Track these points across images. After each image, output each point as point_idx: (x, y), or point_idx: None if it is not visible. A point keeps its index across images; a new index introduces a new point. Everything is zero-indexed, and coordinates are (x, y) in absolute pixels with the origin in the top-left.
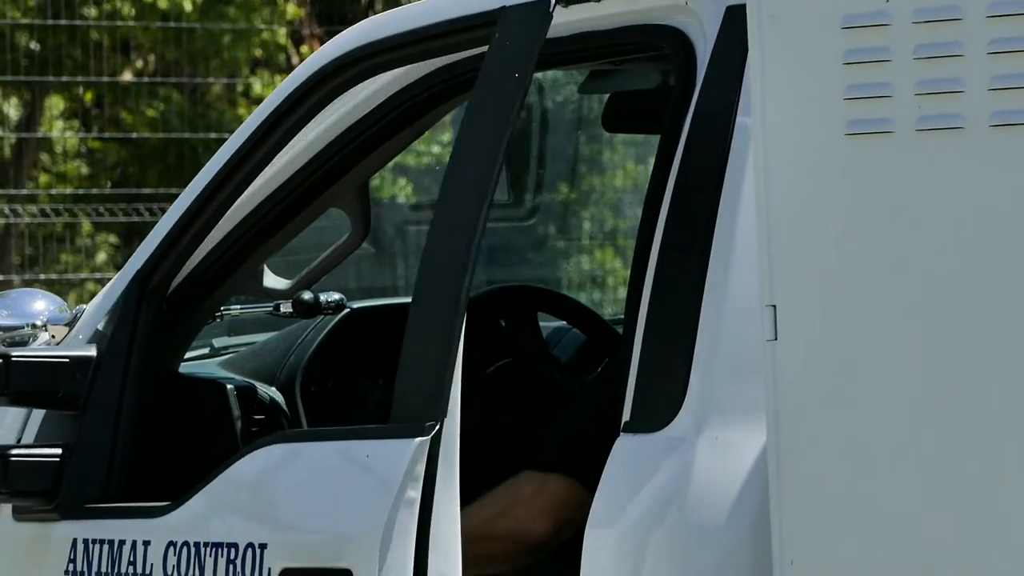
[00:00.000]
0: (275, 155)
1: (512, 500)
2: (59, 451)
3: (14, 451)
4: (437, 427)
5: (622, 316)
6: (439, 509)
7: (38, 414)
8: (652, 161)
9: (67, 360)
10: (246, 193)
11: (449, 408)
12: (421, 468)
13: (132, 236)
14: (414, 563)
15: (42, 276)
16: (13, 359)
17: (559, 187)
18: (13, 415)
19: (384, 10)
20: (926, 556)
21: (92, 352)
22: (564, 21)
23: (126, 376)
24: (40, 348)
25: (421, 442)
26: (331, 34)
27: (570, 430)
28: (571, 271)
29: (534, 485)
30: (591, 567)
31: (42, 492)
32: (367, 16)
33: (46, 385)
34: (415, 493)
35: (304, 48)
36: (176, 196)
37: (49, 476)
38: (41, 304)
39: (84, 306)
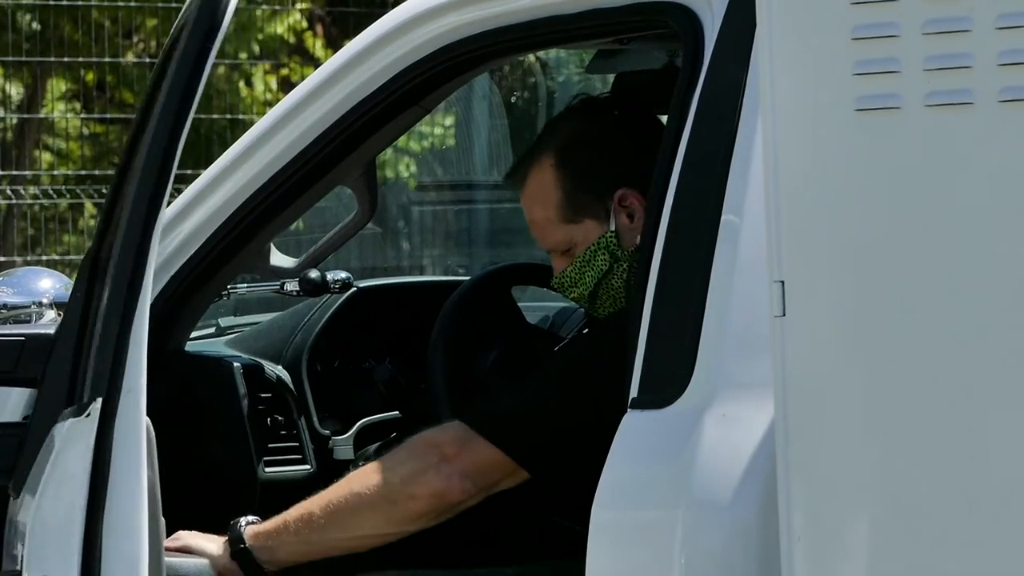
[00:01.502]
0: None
1: (437, 456)
2: (19, 429)
3: None
4: (101, 405)
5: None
6: (117, 489)
7: None
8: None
9: (22, 338)
10: (252, 172)
11: (125, 385)
12: (84, 447)
13: None
14: (83, 544)
15: (44, 257)
16: None
17: None
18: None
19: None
20: (934, 531)
21: (50, 331)
22: None
23: (78, 354)
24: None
25: (84, 420)
26: (340, 18)
27: (516, 405)
28: None
29: (460, 445)
30: (598, 544)
31: (3, 469)
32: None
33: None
34: (80, 472)
35: (307, 34)
36: (181, 177)
37: (8, 453)
38: (47, 283)
39: None
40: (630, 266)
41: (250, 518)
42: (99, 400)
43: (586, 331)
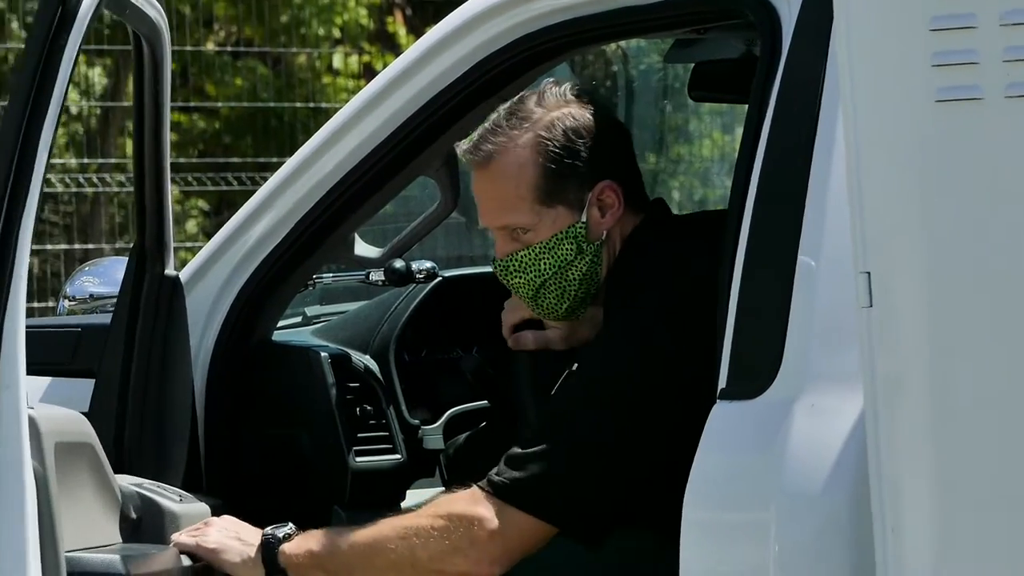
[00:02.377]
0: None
1: (468, 539)
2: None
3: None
4: None
5: None
6: None
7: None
8: (739, 130)
9: (78, 329)
10: (336, 162)
11: (2, 381)
12: None
13: (223, 206)
14: None
15: (131, 243)
16: None
17: (646, 156)
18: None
19: None
20: None
21: (105, 321)
22: None
23: (131, 344)
24: (58, 318)
25: None
26: (421, 6)
27: (549, 463)
28: None
29: (492, 526)
30: (691, 537)
31: None
32: None
33: (56, 355)
34: None
35: (390, 19)
36: (265, 165)
37: None
38: None
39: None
40: (592, 260)
41: (284, 531)
42: None
43: (592, 350)
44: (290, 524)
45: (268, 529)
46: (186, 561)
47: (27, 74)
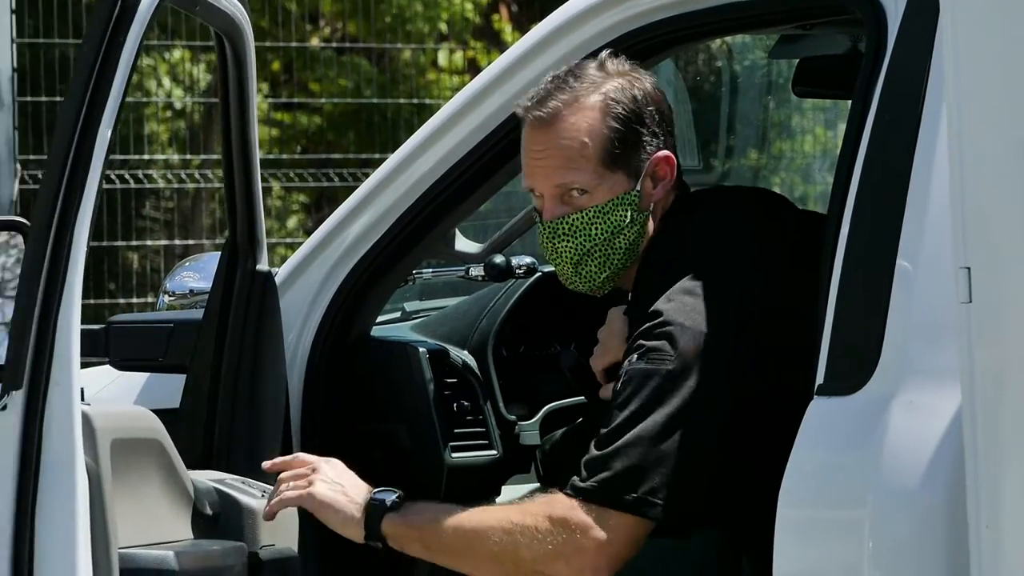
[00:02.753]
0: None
1: (574, 547)
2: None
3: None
4: (26, 398)
5: None
6: (50, 481)
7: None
8: (842, 126)
9: (170, 325)
10: (437, 158)
11: (53, 378)
12: (7, 440)
13: (323, 202)
14: (14, 537)
15: None
16: (113, 326)
17: (749, 152)
18: None
19: None
20: None
21: (197, 316)
22: None
23: (223, 340)
24: (154, 314)
25: (3, 414)
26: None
27: (649, 459)
28: None
29: (599, 535)
30: (785, 534)
31: None
32: None
33: (147, 351)
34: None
35: (496, 16)
36: (367, 162)
37: None
38: None
39: (276, 269)
40: (639, 229)
41: (392, 498)
42: (15, 393)
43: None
44: (398, 491)
45: (377, 492)
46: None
47: (83, 72)
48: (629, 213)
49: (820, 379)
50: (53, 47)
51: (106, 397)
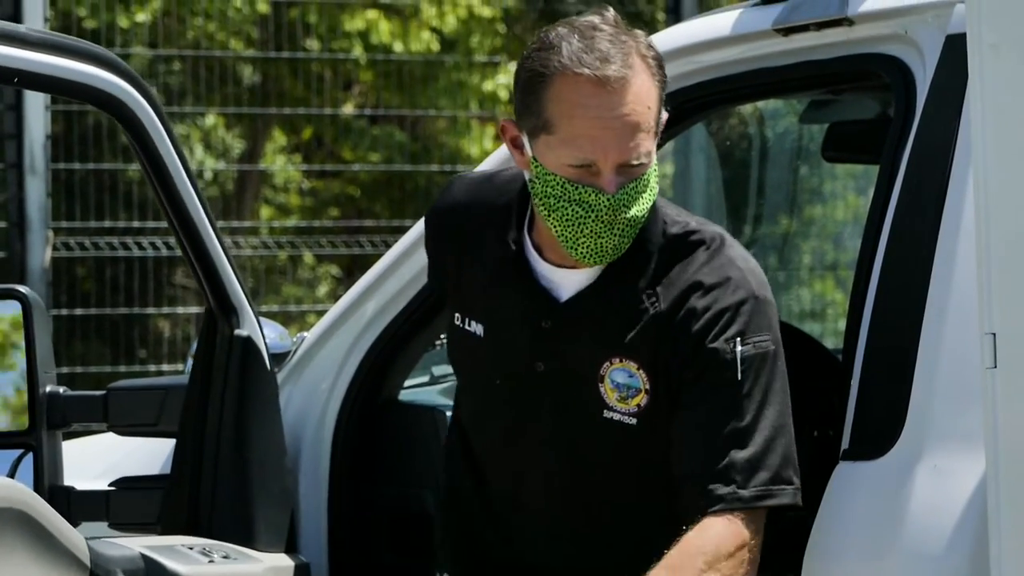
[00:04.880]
0: None
1: (746, 565)
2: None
3: (120, 484)
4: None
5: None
6: None
7: None
8: (872, 192)
9: (163, 390)
10: None
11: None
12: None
13: (354, 269)
14: None
15: (264, 308)
16: (111, 391)
17: (779, 218)
18: None
19: None
20: None
21: (184, 381)
22: (784, 49)
23: (205, 406)
24: (155, 379)
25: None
26: None
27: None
28: (791, 302)
29: (735, 540)
30: None
31: (143, 523)
32: None
33: (143, 416)
34: None
35: None
36: (399, 229)
37: (151, 508)
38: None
39: (305, 334)
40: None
41: None
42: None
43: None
44: None
45: None
46: None
47: None
48: (656, 179)
49: (846, 443)
50: (86, 114)
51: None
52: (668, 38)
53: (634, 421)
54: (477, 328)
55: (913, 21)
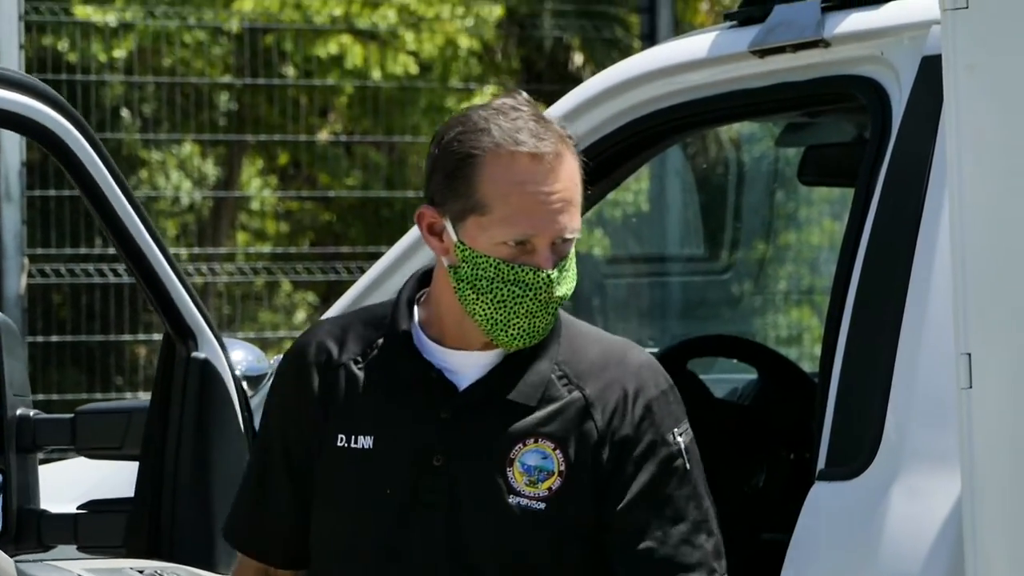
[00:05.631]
0: None
1: None
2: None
3: (89, 507)
4: None
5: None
6: None
7: None
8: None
9: (128, 413)
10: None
11: None
12: None
13: (331, 295)
14: None
15: (240, 335)
16: (79, 414)
17: (755, 243)
18: None
19: (592, 74)
20: None
21: (146, 404)
22: (760, 71)
23: (165, 429)
24: (119, 402)
25: None
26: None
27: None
28: (767, 327)
29: None
30: None
31: (110, 546)
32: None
33: (109, 439)
34: None
35: None
36: (375, 255)
37: (118, 531)
38: (239, 354)
39: (281, 356)
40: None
41: None
42: None
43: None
44: None
45: None
46: None
47: None
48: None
49: (821, 464)
50: None
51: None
52: (644, 60)
53: (543, 506)
54: (365, 442)
55: (889, 43)
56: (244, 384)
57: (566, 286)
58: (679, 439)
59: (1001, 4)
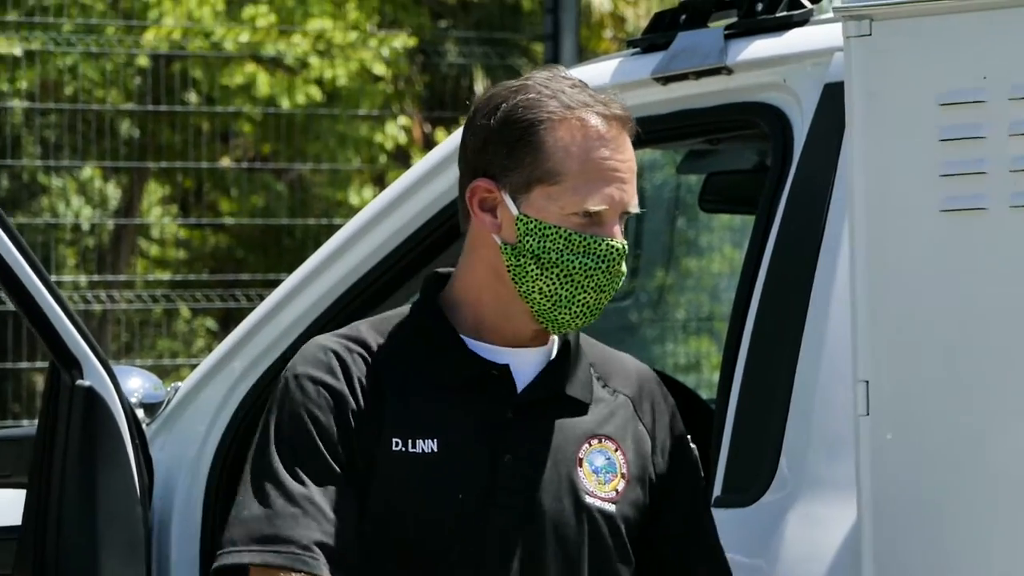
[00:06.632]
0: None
1: None
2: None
3: None
4: None
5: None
6: None
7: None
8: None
9: (18, 441)
10: (341, 274)
11: None
12: None
13: (230, 322)
14: None
15: (138, 362)
16: None
17: (655, 270)
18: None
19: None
20: None
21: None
22: (663, 98)
23: (50, 457)
24: (14, 429)
25: None
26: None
27: None
28: (666, 355)
29: None
30: None
31: (2, 574)
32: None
33: (3, 466)
34: None
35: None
36: (275, 283)
37: (8, 559)
38: (136, 381)
39: (179, 383)
40: None
41: None
42: None
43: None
44: None
45: None
46: None
47: None
48: None
49: (717, 491)
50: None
51: None
52: None
53: (613, 508)
54: (426, 446)
55: (792, 70)
56: (142, 412)
57: (623, 267)
58: (695, 450)
59: (904, 31)
